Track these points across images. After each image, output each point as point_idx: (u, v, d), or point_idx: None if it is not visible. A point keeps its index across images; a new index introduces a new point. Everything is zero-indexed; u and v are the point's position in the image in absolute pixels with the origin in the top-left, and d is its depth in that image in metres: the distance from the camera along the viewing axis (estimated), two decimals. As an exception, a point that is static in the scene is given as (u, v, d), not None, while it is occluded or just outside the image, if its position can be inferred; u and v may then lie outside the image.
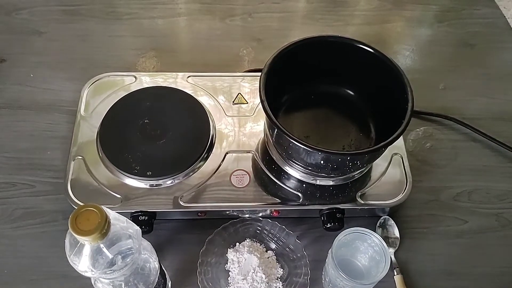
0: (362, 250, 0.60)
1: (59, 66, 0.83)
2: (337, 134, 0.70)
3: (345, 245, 0.58)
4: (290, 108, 0.71)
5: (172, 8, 0.95)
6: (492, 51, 0.92)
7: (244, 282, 0.61)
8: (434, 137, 0.78)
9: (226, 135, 0.71)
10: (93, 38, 0.89)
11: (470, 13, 0.98)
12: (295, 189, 0.66)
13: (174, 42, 0.91)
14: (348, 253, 0.61)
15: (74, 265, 0.43)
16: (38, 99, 0.79)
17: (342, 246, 0.57)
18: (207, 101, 0.74)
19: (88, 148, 0.68)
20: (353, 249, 0.60)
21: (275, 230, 0.65)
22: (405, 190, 0.66)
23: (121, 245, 0.44)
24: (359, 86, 0.71)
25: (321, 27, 0.94)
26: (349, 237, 0.57)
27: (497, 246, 0.68)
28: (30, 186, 0.70)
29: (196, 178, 0.66)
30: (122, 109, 0.71)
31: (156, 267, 0.53)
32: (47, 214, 0.67)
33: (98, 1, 0.94)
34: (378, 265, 0.56)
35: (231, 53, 0.88)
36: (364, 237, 0.57)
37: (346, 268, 0.55)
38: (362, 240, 0.58)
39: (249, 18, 0.94)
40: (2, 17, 0.90)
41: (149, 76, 0.77)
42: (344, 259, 0.59)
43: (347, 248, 0.59)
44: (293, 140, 0.56)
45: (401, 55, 0.90)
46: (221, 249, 0.64)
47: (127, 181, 0.65)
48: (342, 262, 0.57)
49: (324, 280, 0.62)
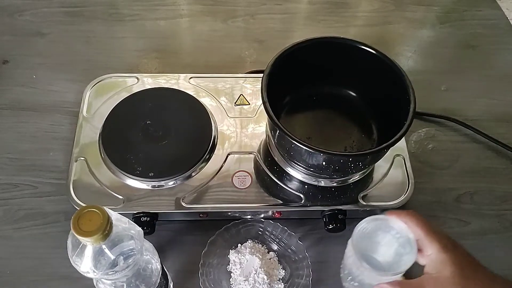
0: (384, 243, 0.52)
1: (62, 68, 0.84)
2: (339, 136, 0.70)
3: (365, 238, 0.51)
4: (292, 110, 0.71)
5: (174, 9, 0.95)
6: (494, 53, 0.92)
7: (246, 283, 0.61)
8: (436, 139, 0.78)
9: (228, 136, 0.71)
10: (95, 39, 0.89)
11: (472, 14, 0.98)
12: (297, 190, 0.66)
13: (176, 43, 0.91)
14: (367, 247, 0.52)
15: (76, 266, 0.43)
16: (41, 100, 0.79)
17: (362, 237, 0.50)
18: (209, 102, 0.74)
19: (90, 149, 0.68)
20: (373, 243, 0.52)
21: (277, 231, 0.65)
22: (407, 191, 0.66)
23: (123, 246, 0.44)
24: (361, 87, 0.71)
25: (323, 29, 0.94)
26: (369, 226, 0.50)
27: (500, 248, 0.68)
28: (32, 187, 0.70)
29: (198, 179, 0.66)
30: (124, 110, 0.71)
31: (158, 268, 0.53)
32: (50, 215, 0.67)
33: (100, 3, 0.94)
34: (402, 258, 0.49)
35: (233, 55, 0.88)
36: (387, 226, 0.50)
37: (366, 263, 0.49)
38: (384, 231, 0.51)
39: (251, 20, 0.94)
40: (5, 19, 0.91)
41: (151, 77, 0.77)
42: (363, 255, 0.50)
43: (366, 242, 0.52)
44: (295, 141, 0.56)
45: (403, 57, 0.90)
46: (223, 250, 0.64)
47: (129, 182, 0.65)
48: (362, 258, 0.50)
49: (343, 273, 0.57)
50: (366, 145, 0.68)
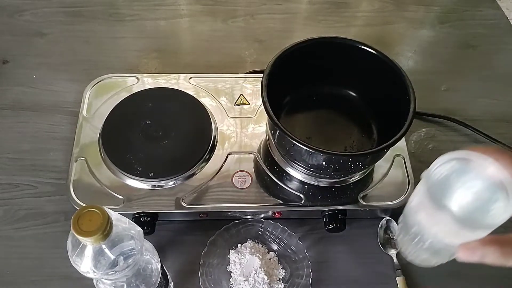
0: (465, 189, 0.38)
1: (62, 68, 0.84)
2: (339, 136, 0.70)
3: (441, 183, 0.38)
4: (292, 110, 0.71)
5: (174, 9, 0.95)
6: (494, 53, 0.92)
7: (246, 283, 0.61)
8: (436, 139, 0.78)
9: (228, 136, 0.71)
10: (95, 39, 0.89)
11: (472, 14, 0.98)
12: (297, 190, 0.66)
13: (177, 43, 0.91)
14: (444, 195, 0.38)
15: (76, 266, 0.43)
16: (41, 100, 0.79)
17: (439, 183, 0.38)
18: (209, 102, 0.74)
19: (90, 149, 0.68)
20: (450, 189, 0.38)
21: (277, 231, 0.65)
22: (407, 191, 0.66)
23: (123, 246, 0.44)
24: (361, 87, 0.71)
25: (323, 29, 0.94)
26: (447, 167, 0.38)
27: (500, 248, 0.68)
28: (32, 187, 0.70)
29: (198, 179, 0.66)
30: (124, 111, 0.71)
31: (158, 268, 0.53)
32: (50, 215, 0.67)
33: (100, 3, 0.94)
34: (491, 209, 0.37)
35: (233, 55, 0.88)
36: (469, 166, 0.37)
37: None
38: (464, 172, 0.38)
39: (251, 20, 0.94)
40: (5, 19, 0.91)
41: (151, 78, 0.77)
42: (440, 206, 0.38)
43: (442, 188, 0.38)
44: (295, 141, 0.56)
45: (403, 57, 0.90)
46: (223, 250, 0.64)
47: (129, 182, 0.65)
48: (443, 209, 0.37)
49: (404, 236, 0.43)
50: (366, 145, 0.68)
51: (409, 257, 0.43)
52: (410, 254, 0.43)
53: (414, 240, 0.41)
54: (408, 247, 0.43)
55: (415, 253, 0.42)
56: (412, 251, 0.43)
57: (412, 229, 0.41)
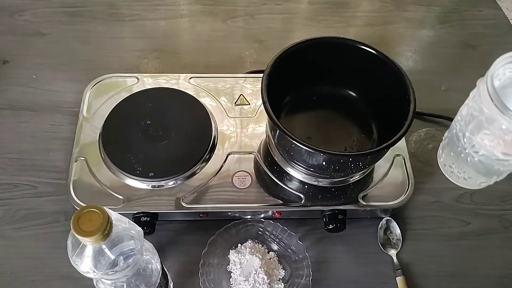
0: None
1: (62, 68, 0.84)
2: (339, 136, 0.70)
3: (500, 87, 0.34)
4: (292, 110, 0.71)
5: (174, 9, 0.95)
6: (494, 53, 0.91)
7: (246, 283, 0.61)
8: (436, 138, 0.78)
9: (228, 136, 0.71)
10: (95, 39, 0.89)
11: (472, 14, 0.98)
12: (297, 190, 0.66)
13: (176, 43, 0.91)
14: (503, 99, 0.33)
15: (76, 266, 0.43)
16: (41, 100, 0.79)
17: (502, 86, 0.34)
18: (209, 102, 0.74)
19: (90, 149, 0.68)
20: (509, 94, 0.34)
21: (277, 231, 0.65)
22: (407, 191, 0.66)
23: (123, 246, 0.44)
24: (361, 87, 0.71)
25: (323, 29, 0.94)
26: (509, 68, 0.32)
27: (500, 248, 0.68)
28: (32, 187, 0.70)
29: (198, 179, 0.66)
30: (124, 110, 0.71)
31: (158, 268, 0.53)
32: (49, 215, 0.67)
33: (100, 3, 0.94)
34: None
35: (233, 55, 0.88)
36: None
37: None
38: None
39: (251, 20, 0.94)
40: (5, 19, 0.91)
41: (151, 78, 0.77)
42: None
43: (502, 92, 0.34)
44: (295, 142, 0.56)
45: (403, 57, 0.90)
46: (223, 250, 0.64)
47: (129, 182, 0.65)
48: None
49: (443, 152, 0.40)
50: (366, 145, 0.68)
51: (455, 173, 0.39)
52: (455, 170, 0.39)
53: (462, 153, 0.37)
54: (455, 162, 0.39)
55: (462, 168, 0.38)
56: (459, 166, 0.39)
57: (461, 141, 0.37)
